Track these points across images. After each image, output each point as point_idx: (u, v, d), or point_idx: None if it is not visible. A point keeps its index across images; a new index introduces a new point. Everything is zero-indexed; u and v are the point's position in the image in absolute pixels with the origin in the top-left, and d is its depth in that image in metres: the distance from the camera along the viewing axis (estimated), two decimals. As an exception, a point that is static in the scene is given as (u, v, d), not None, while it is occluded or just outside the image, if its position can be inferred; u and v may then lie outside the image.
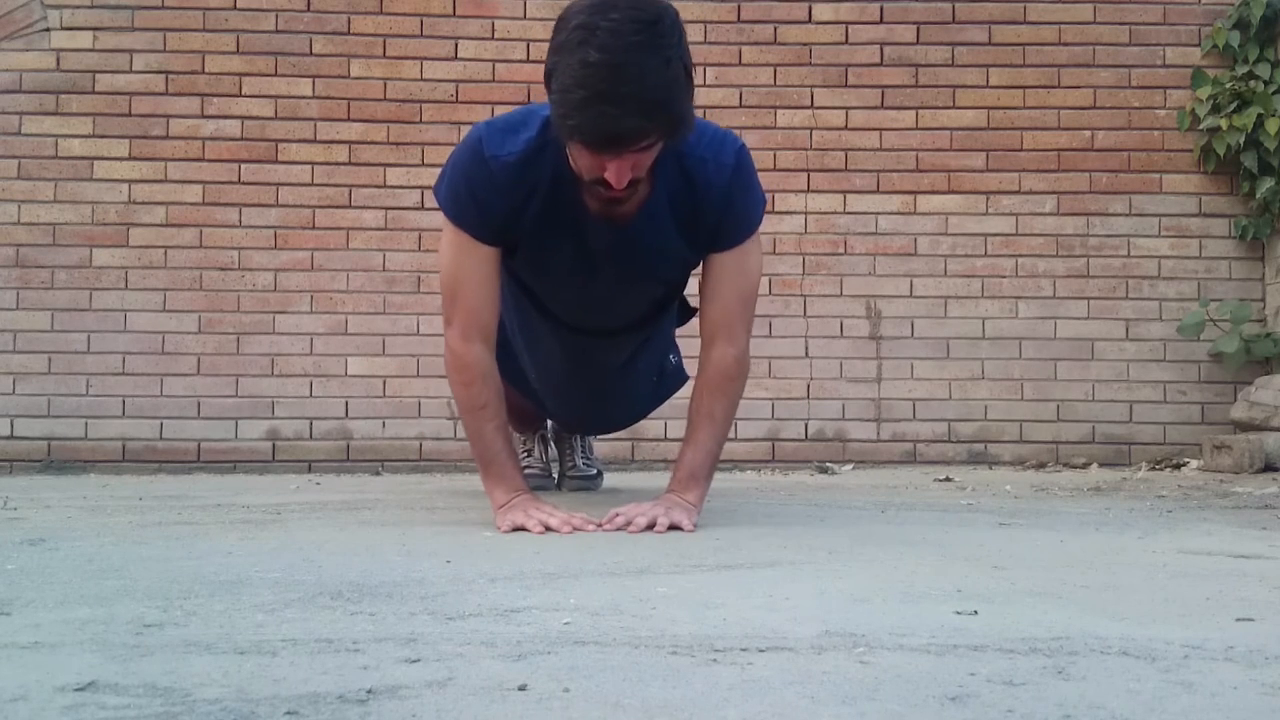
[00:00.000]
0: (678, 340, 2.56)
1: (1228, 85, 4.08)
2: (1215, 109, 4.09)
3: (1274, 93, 4.08)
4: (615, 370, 2.40)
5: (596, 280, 2.07)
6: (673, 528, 1.90)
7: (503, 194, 1.90)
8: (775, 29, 4.19)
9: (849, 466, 4.06)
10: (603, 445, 3.89)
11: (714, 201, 1.93)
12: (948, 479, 3.52)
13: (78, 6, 4.06)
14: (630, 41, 1.63)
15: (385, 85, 4.12)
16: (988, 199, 4.19)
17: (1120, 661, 0.95)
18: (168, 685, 0.86)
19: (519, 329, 2.29)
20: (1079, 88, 4.20)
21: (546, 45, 1.73)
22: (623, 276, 2.07)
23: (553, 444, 3.07)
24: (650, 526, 1.89)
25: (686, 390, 2.24)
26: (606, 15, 1.64)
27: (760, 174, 2.09)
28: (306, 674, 0.90)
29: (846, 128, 4.18)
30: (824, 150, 4.18)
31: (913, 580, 1.40)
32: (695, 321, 2.16)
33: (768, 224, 4.06)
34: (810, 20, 4.19)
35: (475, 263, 1.96)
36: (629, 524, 1.90)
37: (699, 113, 4.37)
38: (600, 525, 1.92)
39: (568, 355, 2.31)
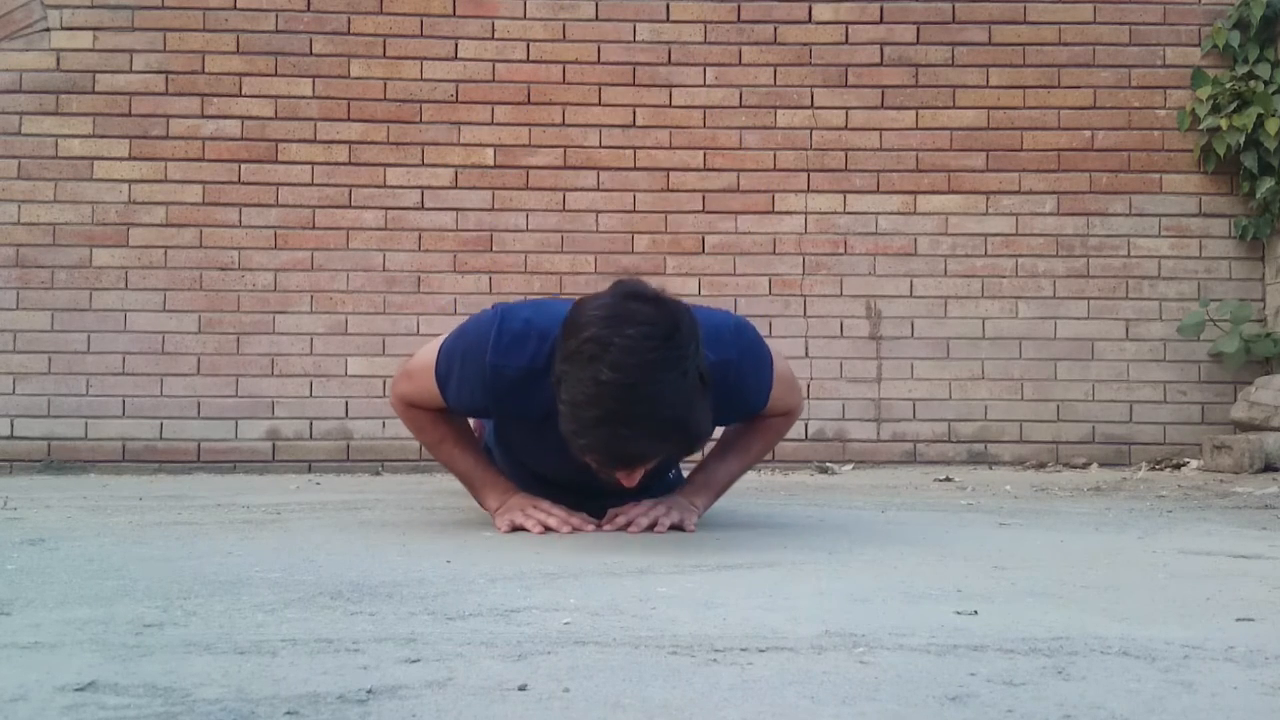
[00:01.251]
0: None
1: (1228, 85, 4.08)
2: (1215, 109, 4.09)
3: (1274, 93, 4.08)
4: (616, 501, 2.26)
5: (598, 481, 1.88)
6: (673, 528, 1.90)
7: (492, 397, 1.81)
8: (775, 29, 4.19)
9: (849, 466, 4.06)
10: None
11: (729, 396, 1.81)
12: (948, 479, 3.52)
13: (78, 6, 4.06)
14: (645, 360, 1.53)
15: (385, 85, 4.12)
16: (988, 199, 4.19)
17: (1120, 661, 0.95)
18: (168, 685, 0.86)
19: (505, 467, 2.14)
20: (1079, 88, 4.20)
21: (546, 45, 1.70)
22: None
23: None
24: (651, 527, 1.89)
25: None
26: (621, 330, 1.55)
27: (760, 174, 2.08)
28: (306, 674, 0.90)
29: (846, 128, 4.18)
30: (824, 150, 4.18)
31: (913, 580, 1.40)
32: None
33: (767, 224, 4.10)
34: (810, 20, 4.19)
35: (434, 400, 1.91)
36: (630, 524, 1.90)
37: (699, 113, 4.34)
38: (600, 525, 1.92)
39: (564, 500, 2.10)
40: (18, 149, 4.04)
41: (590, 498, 2.04)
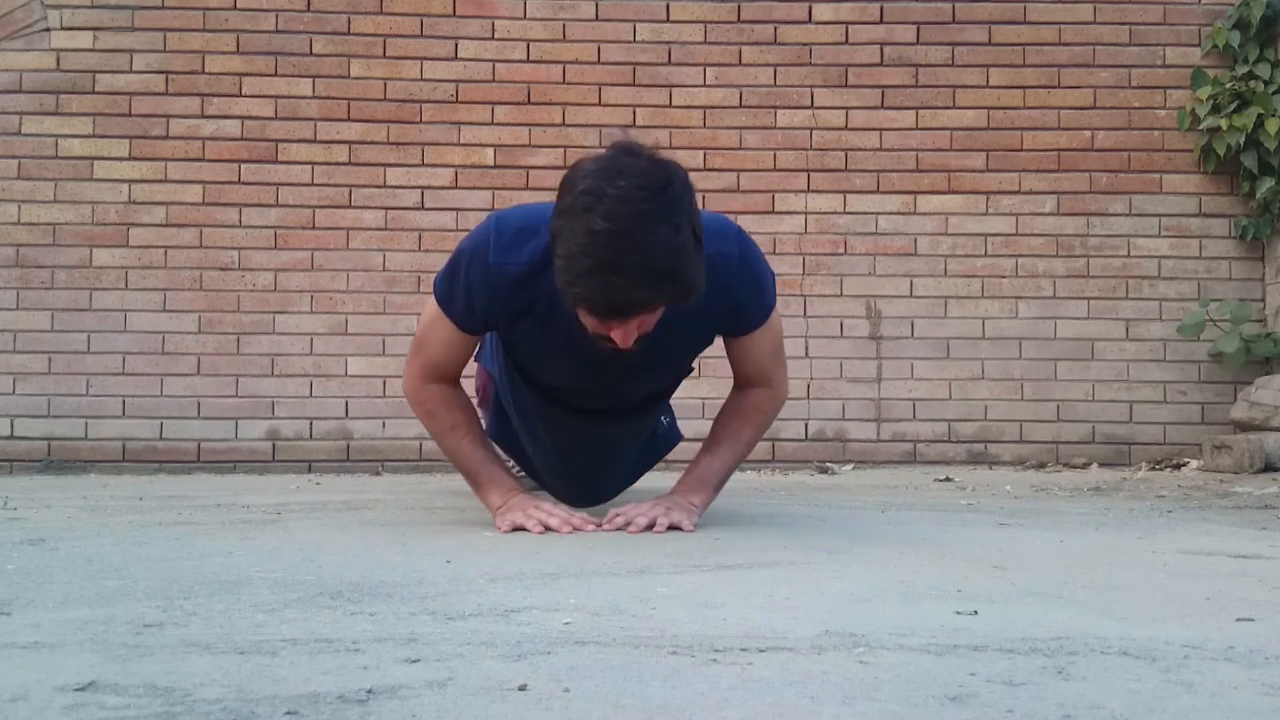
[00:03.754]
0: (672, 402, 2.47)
1: (1228, 85, 4.08)
2: (1215, 109, 4.09)
3: (1274, 93, 4.08)
4: (610, 438, 2.30)
5: (599, 380, 2.00)
6: (672, 528, 1.90)
7: (498, 300, 1.84)
8: (775, 29, 4.19)
9: (849, 466, 4.06)
10: (603, 445, 3.89)
11: (724, 295, 1.85)
12: (948, 479, 3.52)
13: (78, 6, 4.06)
14: (639, 210, 1.57)
15: (385, 85, 4.12)
16: (988, 199, 4.19)
17: (1120, 661, 0.95)
18: (168, 685, 0.86)
19: (514, 408, 2.22)
20: (1079, 88, 4.20)
21: (546, 45, 1.71)
22: (627, 377, 2.00)
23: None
24: (650, 527, 1.89)
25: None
26: (614, 182, 1.58)
27: (760, 174, 2.09)
28: (306, 674, 0.90)
29: (846, 128, 4.18)
30: (824, 150, 4.18)
31: (913, 580, 1.40)
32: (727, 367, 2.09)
33: (768, 224, 4.09)
34: (810, 20, 4.19)
35: (447, 339, 1.93)
36: (629, 524, 1.90)
37: (699, 113, 4.36)
38: (600, 525, 1.92)
39: (567, 434, 2.22)
40: (18, 149, 4.04)
41: (596, 414, 2.10)
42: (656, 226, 1.57)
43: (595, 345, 1.76)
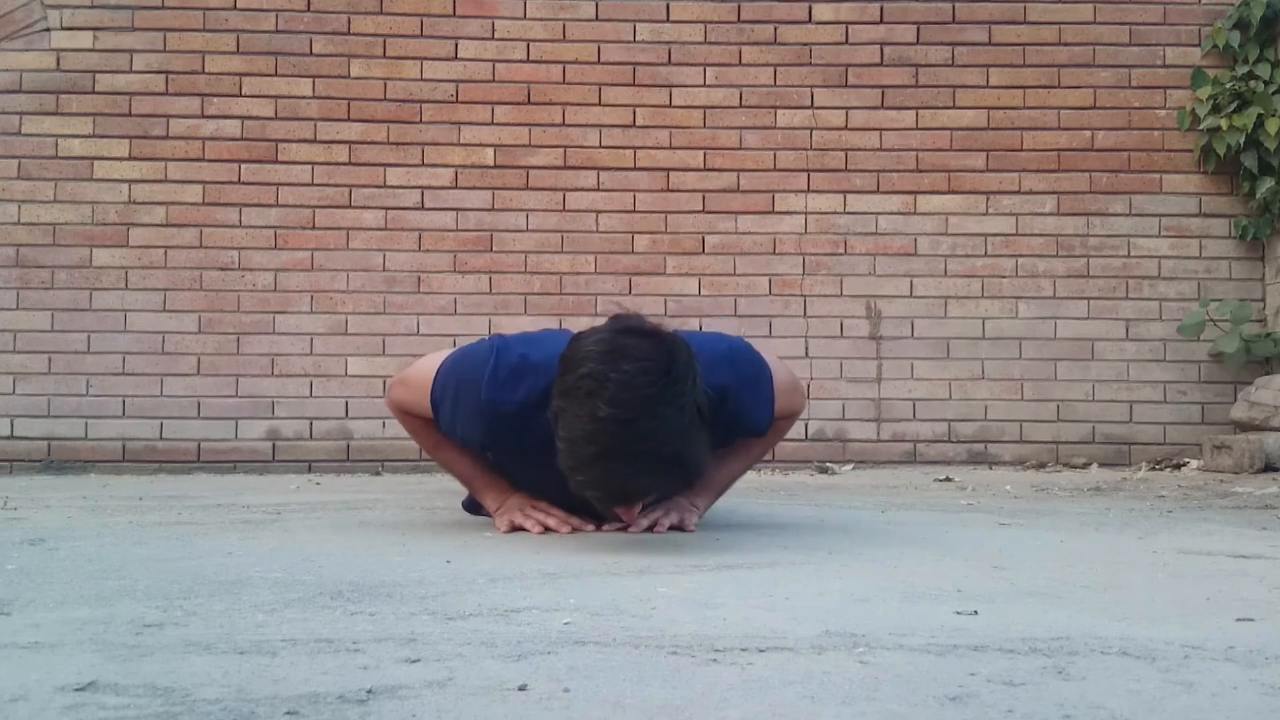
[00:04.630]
0: None
1: (1228, 85, 4.08)
2: (1215, 109, 4.09)
3: (1274, 93, 4.08)
4: None
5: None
6: (674, 528, 1.90)
7: (487, 429, 1.81)
8: (775, 29, 4.19)
9: (849, 466, 4.06)
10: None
11: (725, 419, 1.77)
12: (948, 479, 3.52)
13: (78, 6, 4.06)
14: (643, 396, 1.52)
15: (385, 85, 4.12)
16: (988, 199, 4.19)
17: (1120, 661, 0.95)
18: (168, 685, 0.86)
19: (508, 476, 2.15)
20: (1079, 88, 4.20)
21: (546, 45, 1.72)
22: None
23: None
24: (651, 527, 1.89)
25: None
26: (617, 366, 1.54)
27: (760, 174, 2.08)
28: (306, 674, 0.90)
29: (846, 128, 4.18)
30: (824, 150, 4.18)
31: (913, 580, 1.40)
32: None
33: (767, 224, 4.10)
34: (810, 20, 4.19)
35: (428, 415, 1.90)
36: (629, 524, 1.90)
37: (699, 113, 4.34)
38: (600, 526, 1.92)
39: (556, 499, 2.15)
40: (18, 149, 4.04)
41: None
42: (661, 411, 1.53)
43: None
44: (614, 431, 1.52)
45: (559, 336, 1.78)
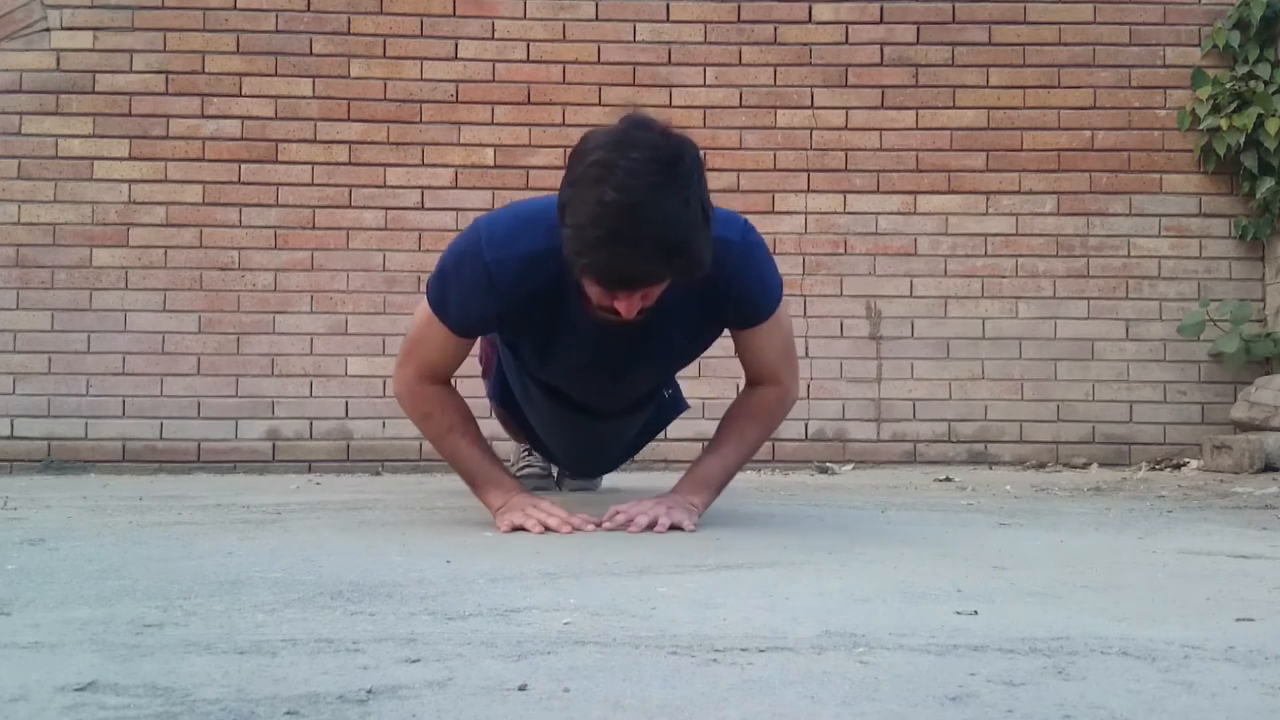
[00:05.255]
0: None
1: (1228, 85, 4.08)
2: (1215, 109, 4.09)
3: (1274, 93, 4.08)
4: (615, 430, 2.36)
5: (604, 372, 2.01)
6: (673, 528, 1.90)
7: (497, 298, 1.83)
8: (775, 29, 4.19)
9: (849, 466, 4.06)
10: (603, 445, 3.89)
11: (724, 282, 1.83)
12: (948, 479, 3.52)
13: (78, 6, 4.06)
14: (649, 181, 1.57)
15: (385, 85, 4.12)
16: (988, 199, 4.19)
17: (1120, 661, 0.95)
18: (168, 685, 0.86)
19: (518, 391, 2.26)
20: (1079, 88, 4.20)
21: (546, 45, 1.73)
22: (631, 366, 2.01)
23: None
24: (651, 526, 1.89)
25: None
26: (626, 154, 1.59)
27: (760, 174, 2.09)
28: (306, 674, 0.90)
29: (846, 128, 4.18)
30: (824, 150, 4.18)
31: (913, 580, 1.40)
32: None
33: (768, 224, 4.09)
34: (810, 20, 4.19)
35: (442, 343, 1.93)
36: (629, 523, 1.90)
37: (699, 113, 4.35)
38: (600, 524, 1.92)
39: (570, 424, 2.26)
40: (18, 149, 4.04)
41: (599, 412, 2.15)
42: (667, 200, 1.57)
43: (598, 317, 1.77)
44: (619, 215, 1.56)
45: (541, 199, 1.85)
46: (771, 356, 2.00)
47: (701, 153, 1.70)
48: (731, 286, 1.85)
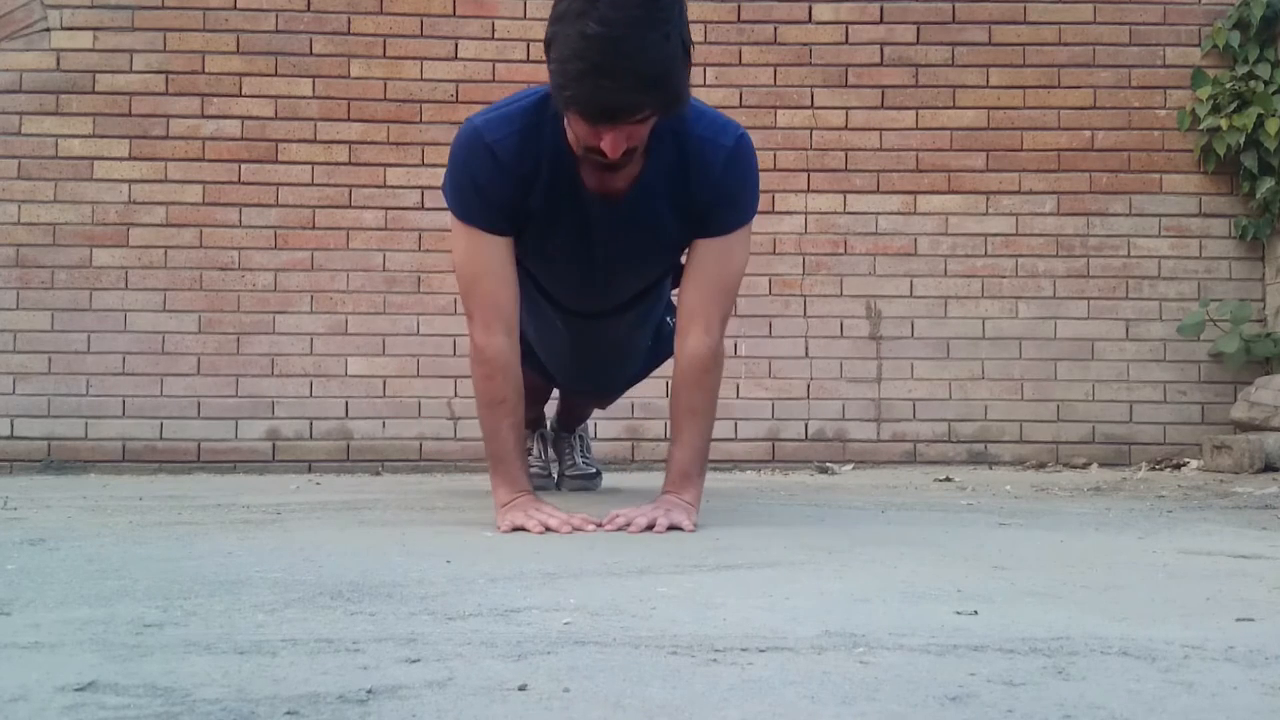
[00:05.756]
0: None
1: (1228, 85, 4.08)
2: (1215, 109, 4.09)
3: (1274, 93, 4.08)
4: (615, 341, 2.47)
5: (594, 261, 2.10)
6: (672, 528, 1.90)
7: (507, 175, 1.92)
8: (775, 29, 4.19)
9: (849, 466, 4.06)
10: (602, 446, 3.90)
11: (707, 181, 1.95)
12: (948, 479, 3.52)
13: (78, 6, 4.06)
14: (630, 15, 1.63)
15: (385, 85, 4.12)
16: (988, 199, 4.19)
17: (1120, 661, 0.95)
18: (168, 685, 0.86)
19: (529, 316, 2.35)
20: (1079, 88, 4.20)
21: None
22: (619, 255, 2.10)
23: (552, 445, 3.07)
24: (650, 527, 1.89)
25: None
26: None
27: (760, 174, 2.11)
28: (306, 674, 0.90)
29: (846, 128, 4.18)
30: (824, 150, 4.18)
31: (913, 580, 1.40)
32: None
33: (767, 224, 4.09)
34: (810, 20, 4.19)
35: (489, 254, 1.97)
36: (629, 524, 1.90)
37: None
38: (600, 525, 1.92)
39: (571, 332, 2.38)
40: (18, 149, 4.04)
41: (600, 317, 2.31)
42: (647, 33, 1.65)
43: (589, 176, 1.88)
44: (601, 48, 1.63)
45: (526, 89, 1.99)
46: (713, 287, 2.02)
47: None
48: (716, 183, 1.95)
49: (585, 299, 2.27)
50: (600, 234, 2.03)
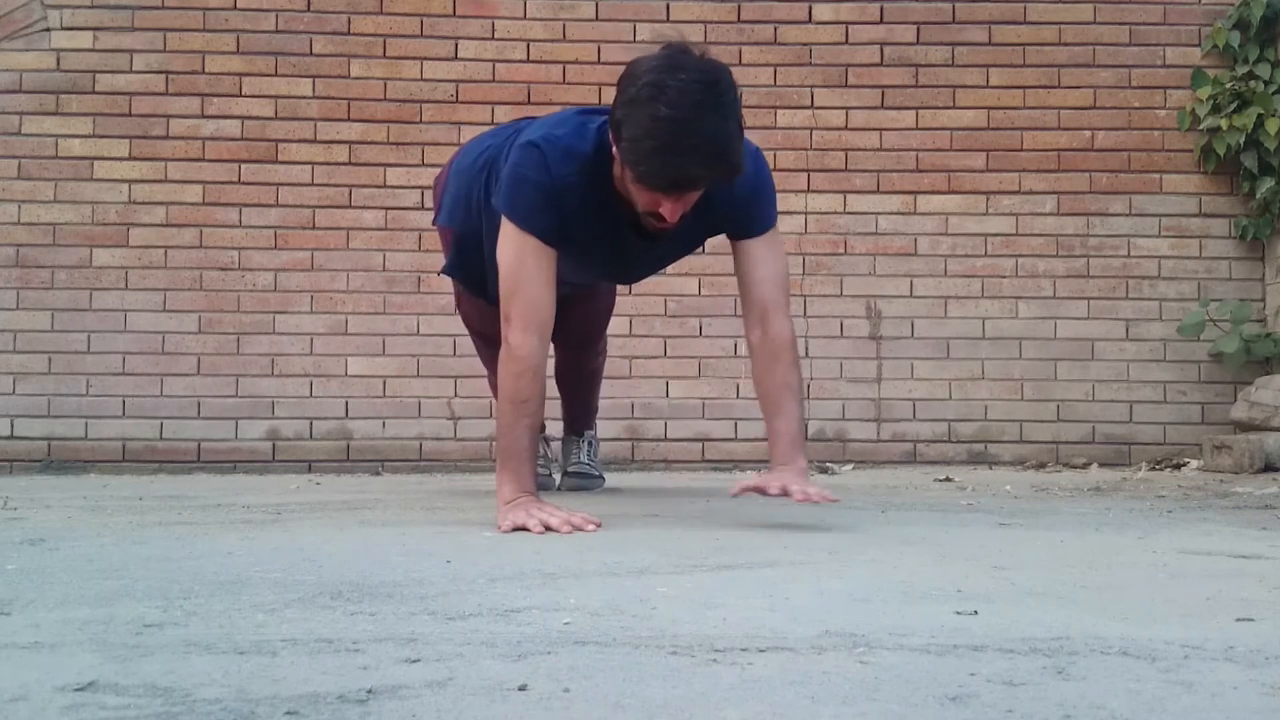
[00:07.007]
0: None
1: (1228, 85, 4.08)
2: (1215, 109, 4.09)
3: (1274, 93, 4.08)
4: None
5: (619, 268, 2.40)
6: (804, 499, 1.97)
7: (558, 207, 2.08)
8: (775, 29, 4.19)
9: (849, 466, 4.06)
10: (602, 446, 3.89)
11: (729, 198, 2.09)
12: (948, 479, 3.52)
13: (78, 6, 4.06)
14: (694, 100, 1.84)
15: (385, 85, 4.12)
16: (988, 199, 4.19)
17: (1120, 661, 0.95)
18: (168, 685, 0.86)
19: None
20: (1079, 88, 4.20)
21: (546, 45, 1.76)
22: (644, 266, 2.43)
23: (554, 444, 3.07)
24: (784, 493, 1.97)
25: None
26: (675, 75, 1.85)
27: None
28: (306, 674, 0.90)
29: (846, 128, 4.18)
30: (824, 150, 4.18)
31: (913, 580, 1.40)
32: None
33: (768, 224, 4.08)
34: (810, 20, 4.19)
35: (537, 264, 2.07)
36: (784, 491, 1.97)
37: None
38: (600, 525, 1.93)
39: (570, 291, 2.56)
40: (18, 149, 4.04)
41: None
42: (710, 115, 1.85)
43: (645, 224, 2.06)
44: (671, 130, 1.84)
45: (569, 118, 2.16)
46: (775, 275, 2.18)
47: (734, 77, 1.94)
48: (738, 195, 2.10)
49: (601, 282, 2.63)
50: (631, 256, 2.28)
